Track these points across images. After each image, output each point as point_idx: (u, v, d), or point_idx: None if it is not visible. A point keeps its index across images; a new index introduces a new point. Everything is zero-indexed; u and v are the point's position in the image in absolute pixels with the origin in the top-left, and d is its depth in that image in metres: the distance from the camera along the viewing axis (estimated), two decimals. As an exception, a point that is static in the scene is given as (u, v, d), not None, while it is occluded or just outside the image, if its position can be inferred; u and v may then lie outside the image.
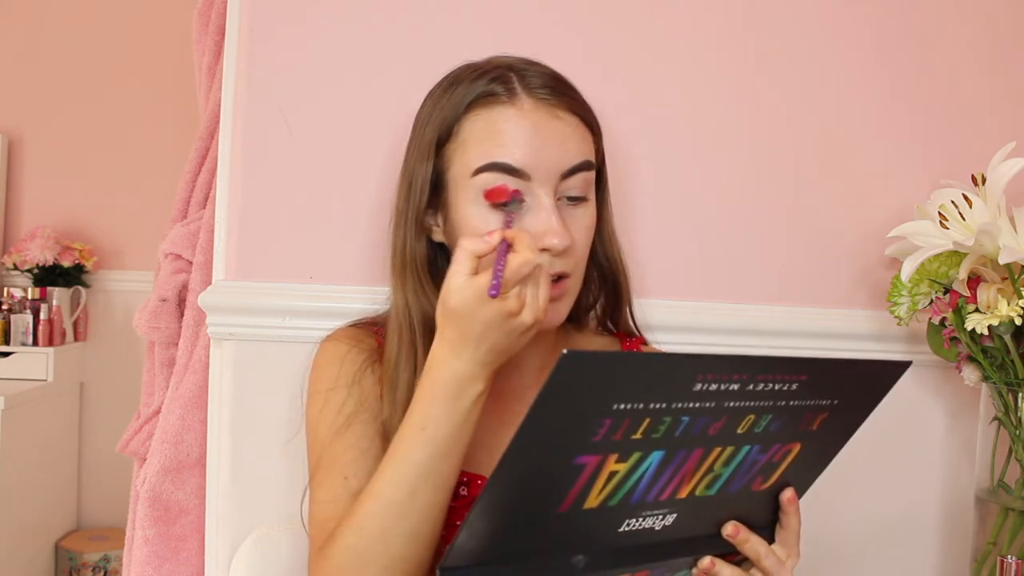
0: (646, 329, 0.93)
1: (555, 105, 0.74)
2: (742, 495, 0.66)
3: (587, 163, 0.75)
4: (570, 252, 0.74)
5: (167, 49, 2.54)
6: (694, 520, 0.65)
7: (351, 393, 0.78)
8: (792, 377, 0.58)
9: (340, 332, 0.84)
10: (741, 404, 0.57)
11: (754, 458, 0.63)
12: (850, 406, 0.65)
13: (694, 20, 1.05)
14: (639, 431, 0.55)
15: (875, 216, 1.08)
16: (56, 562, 2.53)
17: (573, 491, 0.56)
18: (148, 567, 1.05)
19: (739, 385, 0.56)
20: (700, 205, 1.06)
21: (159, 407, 1.13)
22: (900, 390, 1.09)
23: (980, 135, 1.10)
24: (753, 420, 0.59)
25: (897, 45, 1.10)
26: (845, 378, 0.63)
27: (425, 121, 0.78)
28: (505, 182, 0.72)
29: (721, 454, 0.61)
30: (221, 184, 1.00)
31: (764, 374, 0.57)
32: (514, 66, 0.76)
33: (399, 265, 0.79)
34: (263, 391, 0.97)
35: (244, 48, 0.98)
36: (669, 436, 0.56)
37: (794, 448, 0.65)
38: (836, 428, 0.66)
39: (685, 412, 0.55)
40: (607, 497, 0.58)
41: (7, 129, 2.64)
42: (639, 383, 0.52)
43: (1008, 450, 0.93)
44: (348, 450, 0.76)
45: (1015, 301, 0.88)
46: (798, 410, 0.61)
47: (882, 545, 1.11)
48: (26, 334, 2.48)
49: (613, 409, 0.52)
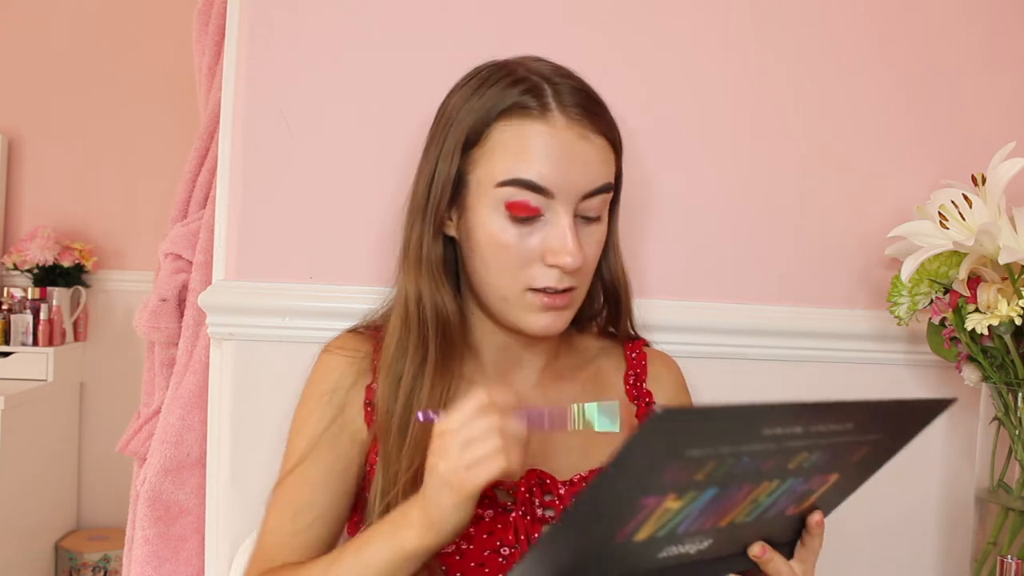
0: (647, 329, 0.93)
1: (586, 125, 0.74)
2: (774, 518, 0.67)
3: (607, 186, 0.76)
4: (580, 269, 0.75)
5: (167, 49, 2.55)
6: (727, 543, 0.66)
7: (329, 423, 0.80)
8: (849, 419, 0.60)
9: (337, 342, 0.84)
10: (799, 444, 0.59)
11: (795, 488, 0.64)
12: (891, 439, 0.66)
13: (692, 23, 1.05)
14: (702, 473, 0.56)
15: (875, 216, 1.08)
16: (56, 562, 2.53)
17: (629, 527, 0.58)
18: (148, 567, 1.06)
19: (802, 428, 0.57)
20: (700, 205, 1.06)
21: (159, 407, 1.13)
22: (900, 390, 1.10)
23: (980, 135, 1.10)
24: (805, 456, 0.61)
25: (897, 45, 1.10)
26: (894, 417, 0.65)
27: (452, 118, 0.77)
28: (528, 198, 0.72)
29: (768, 487, 0.62)
30: (221, 184, 1.00)
31: (827, 417, 0.58)
32: (549, 78, 0.75)
33: (414, 259, 0.79)
34: (263, 391, 0.97)
35: (244, 48, 0.98)
36: (727, 475, 0.57)
37: (832, 477, 0.66)
38: (873, 458, 0.67)
39: (748, 454, 0.56)
40: (656, 530, 0.59)
41: (7, 129, 2.64)
42: (716, 433, 0.54)
43: (1008, 450, 0.93)
44: (304, 485, 0.79)
45: (1015, 301, 0.88)
46: (845, 445, 0.62)
47: (882, 545, 1.11)
48: (26, 334, 2.48)
49: (686, 456, 0.53)
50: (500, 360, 0.84)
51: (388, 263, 0.98)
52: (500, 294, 0.77)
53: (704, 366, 1.01)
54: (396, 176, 0.98)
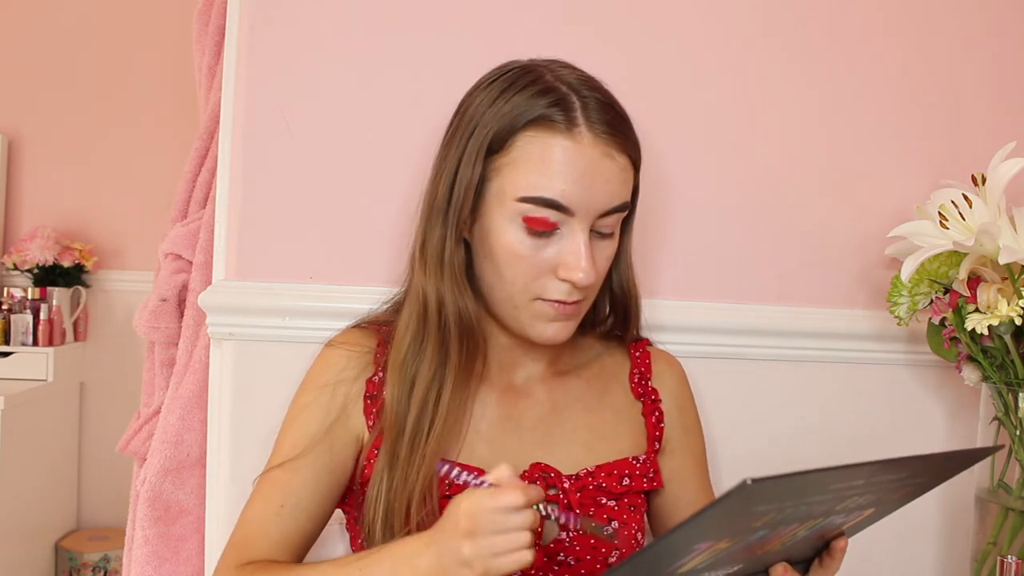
0: (647, 329, 0.93)
1: (610, 144, 0.73)
2: (802, 544, 0.68)
3: (624, 205, 0.76)
4: (591, 284, 0.75)
5: (167, 49, 2.55)
6: (755, 565, 0.67)
7: (326, 416, 0.80)
8: (908, 470, 0.61)
9: (341, 337, 0.84)
10: (855, 492, 0.60)
11: (835, 522, 0.65)
12: (933, 480, 0.68)
13: (693, 26, 1.05)
14: (760, 521, 0.56)
15: (875, 216, 1.08)
16: (56, 562, 2.53)
17: (681, 564, 0.58)
18: (148, 567, 1.06)
19: (864, 480, 0.58)
20: (700, 206, 1.06)
21: (159, 407, 1.13)
22: (900, 390, 1.10)
23: (980, 135, 1.10)
24: (855, 500, 0.61)
25: (897, 45, 1.10)
26: (946, 464, 0.67)
27: (475, 121, 0.76)
28: (547, 215, 0.72)
29: (812, 523, 0.63)
30: (221, 184, 1.00)
31: (889, 472, 0.59)
32: (579, 90, 0.74)
33: (434, 262, 0.78)
34: (263, 391, 0.97)
35: (244, 48, 0.98)
36: (780, 521, 0.58)
37: (868, 511, 0.67)
38: (911, 496, 0.69)
39: (807, 504, 0.57)
40: (702, 563, 0.60)
41: (7, 129, 2.64)
42: (788, 493, 0.54)
43: (1008, 450, 0.93)
44: (295, 477, 0.78)
45: (1015, 301, 0.88)
46: (892, 489, 0.64)
47: (882, 545, 1.11)
48: (26, 334, 2.48)
49: (752, 511, 0.54)
50: (505, 359, 0.84)
51: (388, 263, 0.98)
52: (510, 301, 0.77)
53: (704, 366, 1.01)
54: (397, 176, 0.98)
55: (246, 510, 0.79)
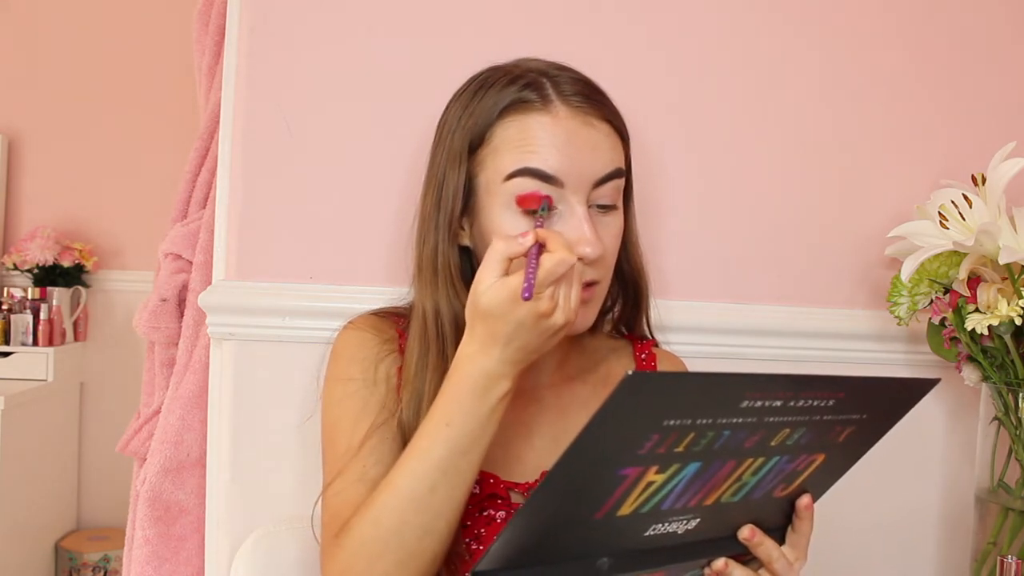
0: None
1: (589, 112, 0.73)
2: (762, 500, 0.66)
3: (619, 171, 0.75)
4: (601, 260, 0.74)
5: (167, 49, 2.55)
6: (714, 524, 0.66)
7: (372, 387, 0.78)
8: (830, 395, 0.59)
9: (360, 320, 0.83)
10: (780, 419, 0.58)
11: (781, 467, 0.64)
12: (876, 420, 0.66)
13: (694, 27, 1.05)
14: (682, 445, 0.55)
15: (875, 216, 1.08)
16: (56, 562, 2.53)
17: (611, 500, 0.57)
18: (148, 567, 1.06)
19: (782, 402, 0.57)
20: (699, 206, 1.06)
21: (159, 407, 1.13)
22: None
23: (980, 135, 1.10)
24: (787, 433, 0.60)
25: (897, 45, 1.10)
26: (877, 395, 0.65)
27: (454, 126, 0.76)
28: (538, 188, 0.71)
29: (752, 464, 0.61)
30: (221, 184, 1.00)
31: (806, 391, 0.58)
32: (547, 72, 0.75)
33: (429, 270, 0.77)
34: (263, 391, 0.97)
35: (244, 48, 0.98)
36: (708, 449, 0.57)
37: (819, 458, 0.65)
38: (860, 440, 0.67)
39: (728, 427, 0.56)
40: (640, 505, 0.59)
41: (7, 129, 2.64)
42: (692, 401, 0.53)
43: (1008, 450, 0.93)
44: (368, 442, 0.75)
45: (1015, 301, 0.88)
46: (829, 424, 0.62)
47: (882, 545, 1.11)
48: (26, 334, 2.48)
49: (663, 425, 0.53)
50: None
51: (388, 263, 0.98)
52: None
53: (704, 366, 1.01)
54: (396, 176, 0.98)
55: (327, 492, 0.75)
